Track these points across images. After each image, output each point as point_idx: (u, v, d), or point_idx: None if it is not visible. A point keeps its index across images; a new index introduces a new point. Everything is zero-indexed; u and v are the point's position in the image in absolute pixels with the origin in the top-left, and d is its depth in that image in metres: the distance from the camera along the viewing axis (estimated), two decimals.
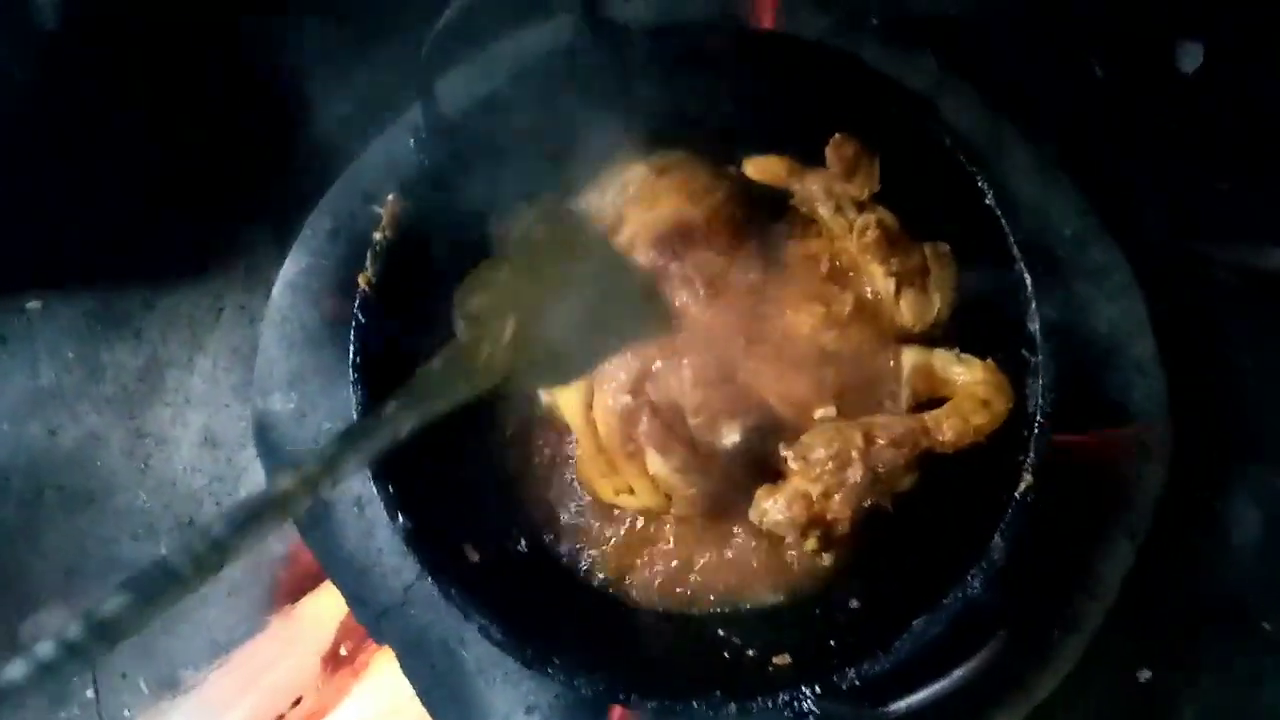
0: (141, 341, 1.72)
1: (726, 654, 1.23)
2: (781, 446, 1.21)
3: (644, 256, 1.24)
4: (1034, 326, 1.21)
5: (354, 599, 1.34)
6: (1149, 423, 1.36)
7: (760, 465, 1.22)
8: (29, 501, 1.65)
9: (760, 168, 1.35)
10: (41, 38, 1.49)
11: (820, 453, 1.18)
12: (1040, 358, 1.20)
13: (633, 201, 1.28)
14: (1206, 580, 1.50)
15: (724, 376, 1.20)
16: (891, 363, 1.26)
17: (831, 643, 1.20)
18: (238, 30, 1.72)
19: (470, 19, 1.18)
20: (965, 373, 1.24)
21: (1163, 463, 1.35)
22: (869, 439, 1.18)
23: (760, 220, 1.32)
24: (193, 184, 1.73)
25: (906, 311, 1.27)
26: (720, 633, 1.26)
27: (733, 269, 1.25)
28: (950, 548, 1.18)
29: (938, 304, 1.29)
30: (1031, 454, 1.17)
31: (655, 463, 1.20)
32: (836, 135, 1.32)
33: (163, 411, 1.69)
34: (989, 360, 1.24)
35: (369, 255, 1.25)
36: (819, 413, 1.21)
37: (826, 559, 1.24)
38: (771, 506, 1.19)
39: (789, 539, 1.22)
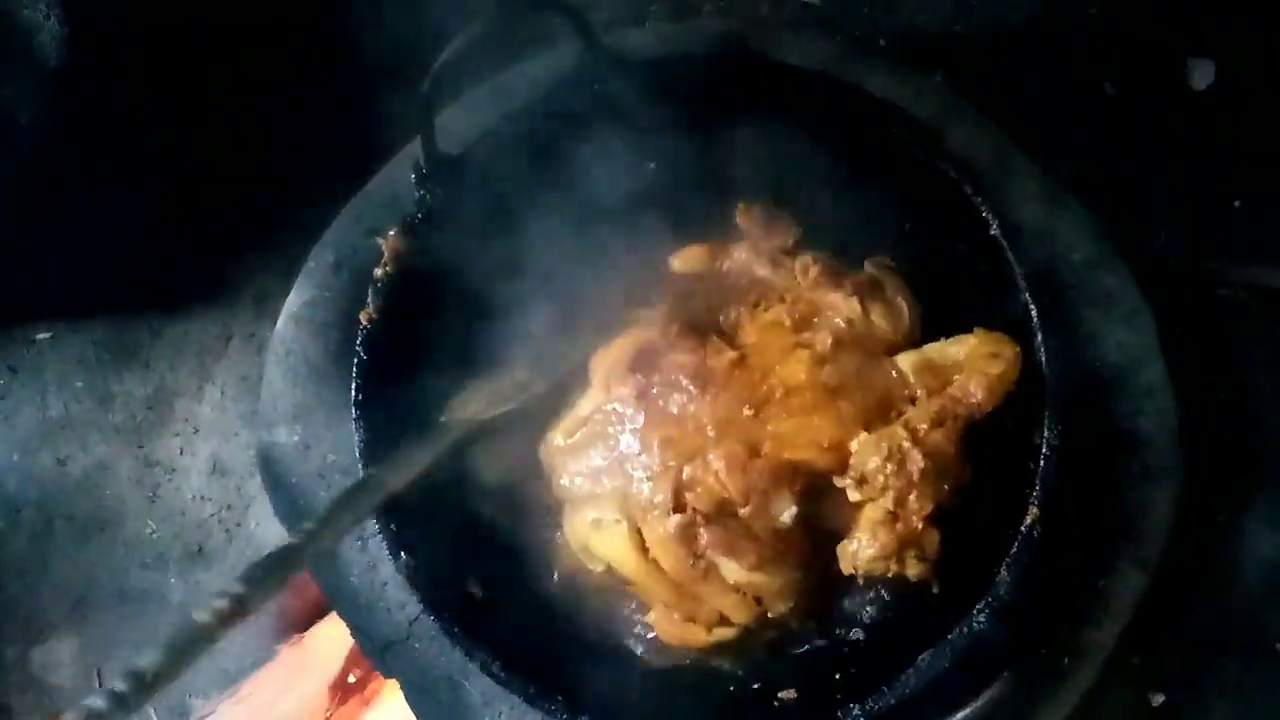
0: (150, 371, 1.73)
1: (731, 688, 1.22)
2: (836, 479, 1.19)
3: (623, 394, 1.22)
4: (1040, 358, 1.21)
5: (359, 632, 1.34)
6: (1159, 449, 1.34)
7: (830, 531, 1.21)
8: (40, 531, 1.66)
9: (685, 260, 1.34)
10: (45, 73, 1.50)
11: (874, 461, 1.15)
12: (1046, 388, 1.19)
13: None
14: (1221, 603, 1.49)
15: (752, 453, 1.17)
16: (894, 373, 1.24)
17: (837, 677, 1.19)
18: (243, 61, 1.73)
19: (473, 52, 1.18)
20: (963, 348, 1.24)
21: (1173, 488, 1.33)
22: (912, 430, 1.17)
23: (710, 313, 1.31)
24: (200, 213, 1.74)
25: (882, 322, 1.26)
26: (725, 667, 1.25)
27: (709, 357, 1.23)
28: (957, 582, 1.17)
29: (905, 308, 1.28)
30: (1038, 487, 1.16)
31: (731, 570, 1.16)
32: (740, 205, 1.33)
33: (171, 440, 1.70)
34: (976, 329, 1.25)
35: (370, 291, 1.25)
36: (854, 443, 1.19)
37: (935, 586, 1.20)
38: (858, 548, 1.16)
39: (891, 573, 1.18)
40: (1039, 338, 1.21)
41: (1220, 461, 1.50)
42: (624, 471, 1.21)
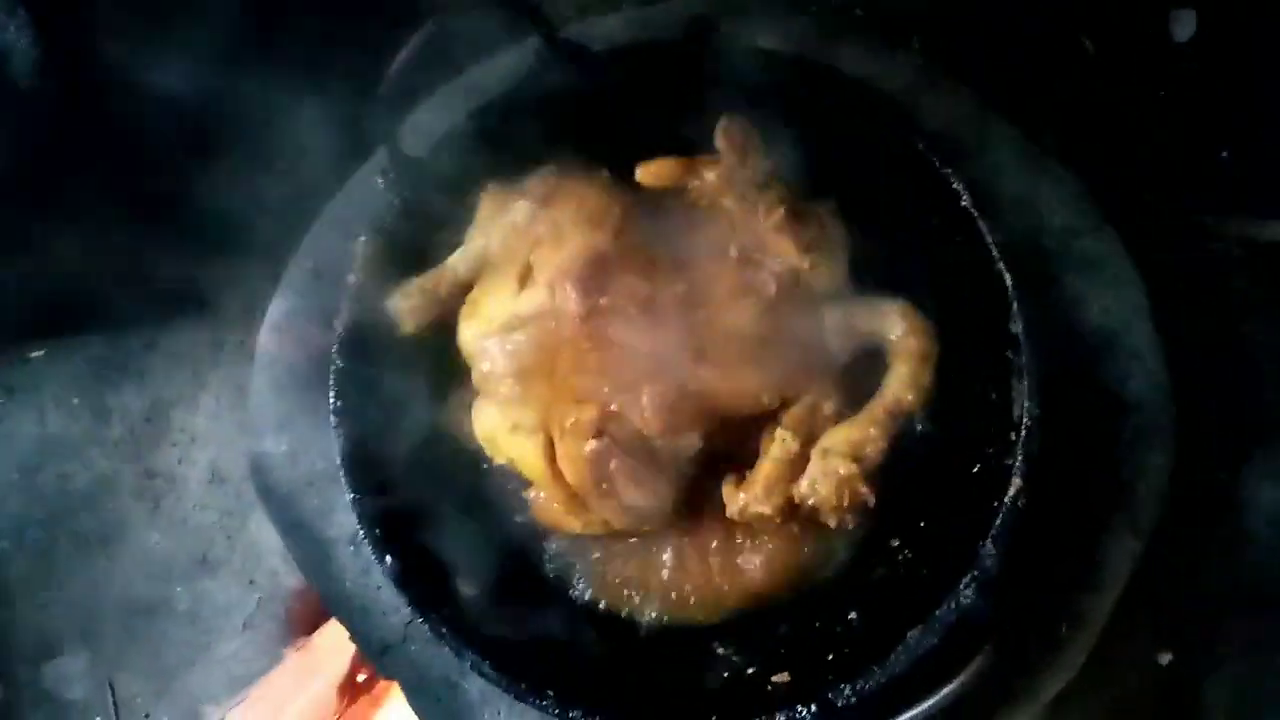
0: (145, 383, 1.74)
1: (726, 673, 1.22)
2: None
3: (569, 307, 1.20)
4: (1016, 327, 1.19)
5: (357, 636, 1.35)
6: (1150, 411, 1.33)
7: (716, 457, 1.24)
8: (44, 549, 1.68)
9: (654, 172, 1.31)
10: (20, 95, 1.50)
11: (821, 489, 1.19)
12: (1025, 358, 1.18)
13: (533, 242, 1.25)
14: (1225, 560, 1.48)
15: (681, 395, 1.19)
16: (817, 329, 1.25)
17: (830, 657, 1.19)
18: (220, 71, 1.73)
19: (435, 52, 1.18)
20: (883, 323, 1.25)
21: (1166, 450, 1.31)
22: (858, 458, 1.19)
23: (659, 225, 1.29)
24: (186, 222, 1.74)
25: (821, 277, 1.26)
26: (719, 651, 1.25)
27: (659, 288, 1.22)
28: (944, 556, 1.17)
29: (843, 261, 1.28)
30: (1020, 458, 1.15)
31: (631, 495, 1.19)
32: (723, 119, 1.30)
33: (170, 451, 1.71)
34: (899, 304, 1.25)
35: (344, 297, 1.26)
36: (765, 399, 1.22)
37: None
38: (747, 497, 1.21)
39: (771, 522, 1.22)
40: (1015, 307, 1.20)
41: (1217, 419, 1.49)
42: (552, 385, 1.20)
